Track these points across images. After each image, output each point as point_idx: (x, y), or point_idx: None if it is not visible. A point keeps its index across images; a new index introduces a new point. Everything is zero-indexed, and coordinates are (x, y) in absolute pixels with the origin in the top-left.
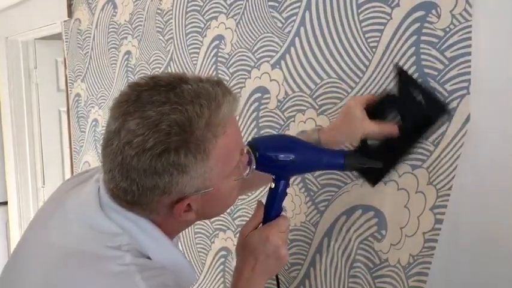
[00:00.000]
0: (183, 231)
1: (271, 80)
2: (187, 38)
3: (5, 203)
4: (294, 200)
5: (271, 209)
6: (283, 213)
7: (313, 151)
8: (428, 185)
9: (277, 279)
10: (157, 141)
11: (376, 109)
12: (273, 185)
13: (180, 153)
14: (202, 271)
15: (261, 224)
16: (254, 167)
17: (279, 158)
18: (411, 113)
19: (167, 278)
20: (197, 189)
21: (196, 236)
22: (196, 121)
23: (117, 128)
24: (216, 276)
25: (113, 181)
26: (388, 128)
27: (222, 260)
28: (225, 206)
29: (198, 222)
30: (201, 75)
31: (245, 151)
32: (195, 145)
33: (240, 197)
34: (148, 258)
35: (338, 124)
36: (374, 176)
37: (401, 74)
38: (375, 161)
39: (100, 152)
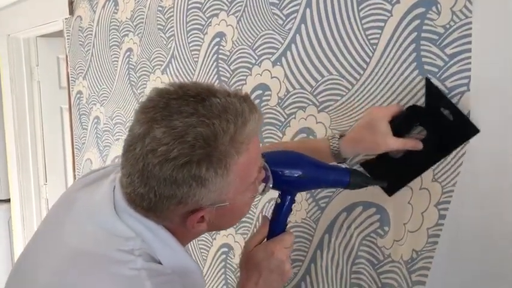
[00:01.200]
0: None
1: (272, 77)
2: (188, 35)
3: (8, 201)
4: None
5: (276, 225)
6: (287, 228)
7: (321, 169)
8: (433, 182)
9: None
10: (181, 153)
11: (401, 122)
12: (279, 200)
13: (202, 166)
14: (203, 267)
15: (266, 239)
16: (271, 185)
17: (286, 174)
18: (437, 129)
19: (176, 284)
20: (213, 203)
21: None
22: (222, 136)
23: (141, 134)
24: (218, 272)
25: (131, 185)
26: (412, 143)
27: (224, 256)
28: (236, 220)
29: None
30: (229, 89)
31: (263, 169)
32: (217, 160)
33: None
34: (159, 263)
35: (360, 136)
36: (392, 187)
37: (431, 88)
38: (380, 181)
39: (121, 154)
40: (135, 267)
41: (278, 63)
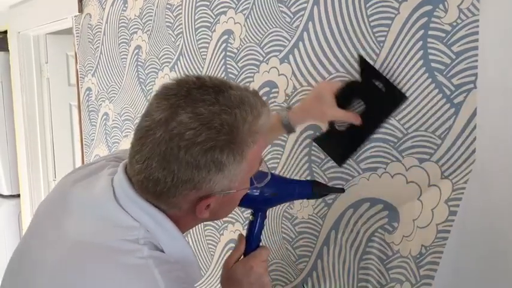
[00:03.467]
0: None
1: (279, 75)
2: (196, 32)
3: (18, 196)
4: None
5: (252, 241)
6: (261, 244)
7: (286, 185)
8: (444, 179)
9: None
10: (208, 137)
11: (342, 95)
12: (251, 218)
13: (224, 152)
14: (211, 262)
15: (243, 256)
16: (269, 177)
17: (255, 193)
18: (373, 100)
19: (181, 273)
20: (222, 189)
21: (205, 228)
22: (242, 125)
23: (163, 119)
24: None
25: (146, 170)
26: (353, 116)
27: (231, 252)
28: (231, 210)
29: None
30: (239, 84)
31: (263, 162)
32: (237, 147)
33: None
34: (162, 251)
35: (308, 107)
36: (341, 157)
37: (364, 64)
38: (337, 188)
39: (133, 141)
40: (142, 256)
41: (285, 61)
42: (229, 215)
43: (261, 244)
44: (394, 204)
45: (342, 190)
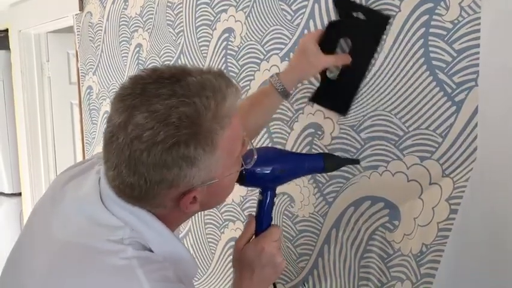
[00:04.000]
0: (194, 224)
1: None
2: (197, 31)
3: (19, 194)
4: (303, 191)
5: (262, 221)
6: (273, 223)
7: (295, 160)
8: (445, 177)
9: (275, 286)
10: (167, 135)
11: (327, 40)
12: (260, 197)
13: (190, 145)
14: (212, 261)
15: (254, 237)
16: (256, 156)
17: (264, 172)
18: (358, 32)
19: (168, 271)
20: (203, 181)
21: (206, 226)
22: (205, 113)
23: (122, 122)
24: (226, 266)
25: (119, 177)
26: (342, 58)
27: (232, 250)
28: (225, 196)
29: (208, 213)
30: (202, 67)
31: (245, 141)
32: (204, 137)
33: (249, 189)
34: (150, 251)
35: (296, 63)
36: (343, 106)
37: (337, 1)
38: (351, 159)
39: (102, 147)
40: (125, 257)
41: (286, 59)
42: (230, 214)
43: (272, 223)
44: (395, 203)
45: (357, 161)
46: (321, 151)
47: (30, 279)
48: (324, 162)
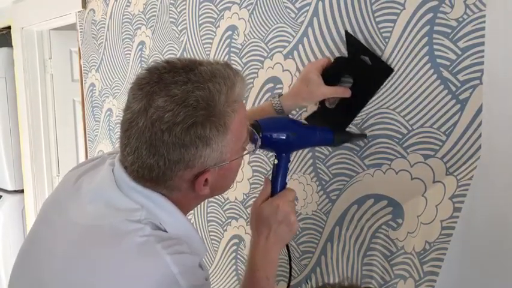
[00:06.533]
0: (197, 221)
1: (283, 70)
2: (200, 28)
3: (21, 191)
4: (306, 189)
5: (277, 183)
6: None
7: (308, 129)
8: (448, 175)
9: (288, 248)
10: (186, 115)
11: (330, 73)
12: (276, 161)
13: (206, 126)
14: (215, 258)
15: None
16: (260, 143)
17: (280, 137)
18: (361, 75)
19: (183, 247)
20: (216, 162)
21: (209, 224)
22: (218, 97)
23: (142, 108)
24: (229, 263)
25: (138, 160)
26: (341, 90)
27: (234, 247)
28: (232, 181)
29: (211, 210)
30: (210, 59)
31: (249, 129)
32: (218, 119)
33: (251, 188)
34: (165, 231)
35: (297, 90)
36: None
37: (350, 39)
38: (359, 134)
39: (120, 135)
40: (144, 234)
41: (290, 56)
42: (233, 211)
43: (287, 187)
44: (398, 201)
45: (364, 136)
46: (325, 149)
47: (49, 264)
48: (333, 135)
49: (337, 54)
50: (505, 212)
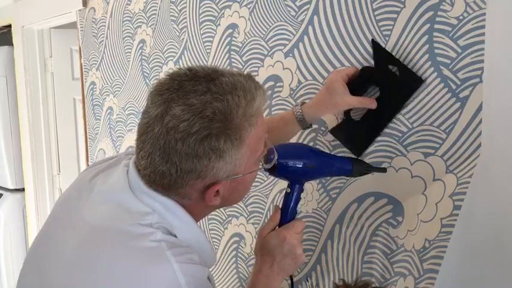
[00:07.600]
0: None
1: (284, 69)
2: (201, 26)
3: (22, 190)
4: (306, 187)
5: (287, 213)
6: (298, 216)
7: (326, 159)
8: (448, 173)
9: (291, 279)
10: (202, 127)
11: (356, 83)
12: (288, 190)
13: (221, 139)
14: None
15: (278, 227)
16: (276, 157)
17: (296, 165)
18: (388, 86)
19: (194, 255)
20: (228, 175)
21: (209, 222)
22: (236, 110)
23: (159, 114)
24: (229, 261)
25: (151, 165)
26: (367, 101)
27: (235, 245)
28: (244, 194)
29: None
30: (233, 70)
31: (267, 143)
32: (234, 132)
33: (253, 185)
34: (175, 237)
35: (320, 99)
36: (359, 147)
37: (377, 49)
38: (379, 168)
39: (136, 138)
40: (155, 239)
41: (290, 55)
42: (233, 209)
43: (297, 217)
44: (398, 199)
45: (384, 170)
46: (326, 148)
47: (56, 261)
48: (352, 166)
49: (338, 53)
50: (504, 210)
